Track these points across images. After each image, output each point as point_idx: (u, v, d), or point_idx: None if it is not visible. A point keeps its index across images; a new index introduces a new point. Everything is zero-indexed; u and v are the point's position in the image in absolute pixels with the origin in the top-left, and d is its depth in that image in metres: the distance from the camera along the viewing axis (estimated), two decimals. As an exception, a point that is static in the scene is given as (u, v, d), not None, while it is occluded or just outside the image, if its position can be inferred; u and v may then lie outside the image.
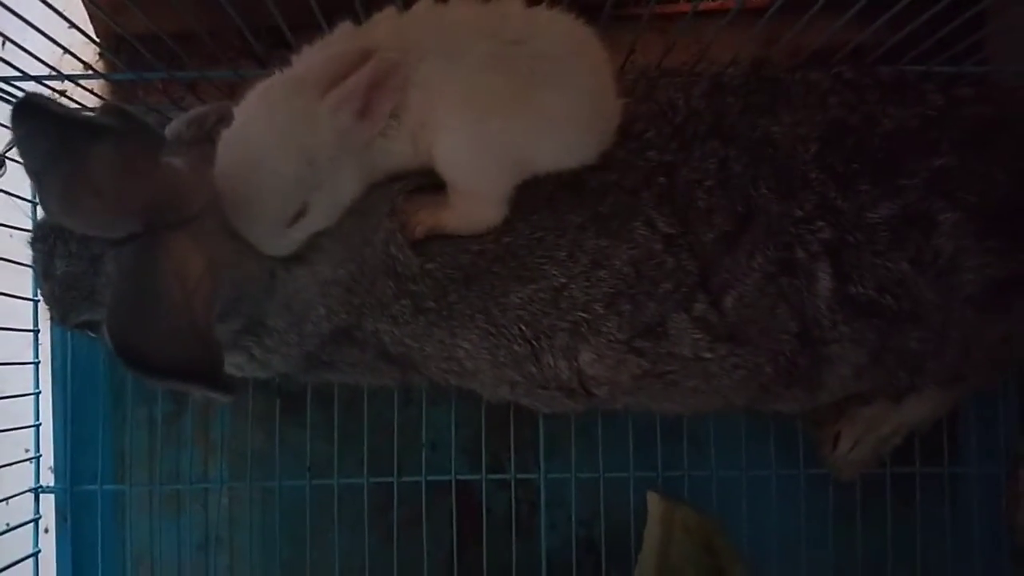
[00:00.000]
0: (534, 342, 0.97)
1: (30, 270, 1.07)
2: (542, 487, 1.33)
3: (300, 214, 0.89)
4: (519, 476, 1.33)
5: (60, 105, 0.80)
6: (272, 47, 0.97)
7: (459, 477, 1.32)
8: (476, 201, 0.93)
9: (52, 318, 0.99)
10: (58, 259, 0.94)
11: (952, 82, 1.02)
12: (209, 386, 0.80)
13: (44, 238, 0.96)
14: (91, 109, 1.19)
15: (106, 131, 0.78)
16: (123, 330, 0.78)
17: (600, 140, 0.94)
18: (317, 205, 0.89)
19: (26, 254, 1.01)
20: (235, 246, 0.91)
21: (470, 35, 0.88)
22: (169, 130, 1.01)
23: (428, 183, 0.94)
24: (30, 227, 1.15)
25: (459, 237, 0.96)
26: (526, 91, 0.87)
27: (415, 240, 0.95)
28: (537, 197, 0.96)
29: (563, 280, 0.95)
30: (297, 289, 0.96)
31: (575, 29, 0.91)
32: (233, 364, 1.03)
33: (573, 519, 1.32)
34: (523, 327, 0.97)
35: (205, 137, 0.94)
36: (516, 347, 0.98)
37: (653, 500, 1.25)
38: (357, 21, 0.94)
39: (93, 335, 0.98)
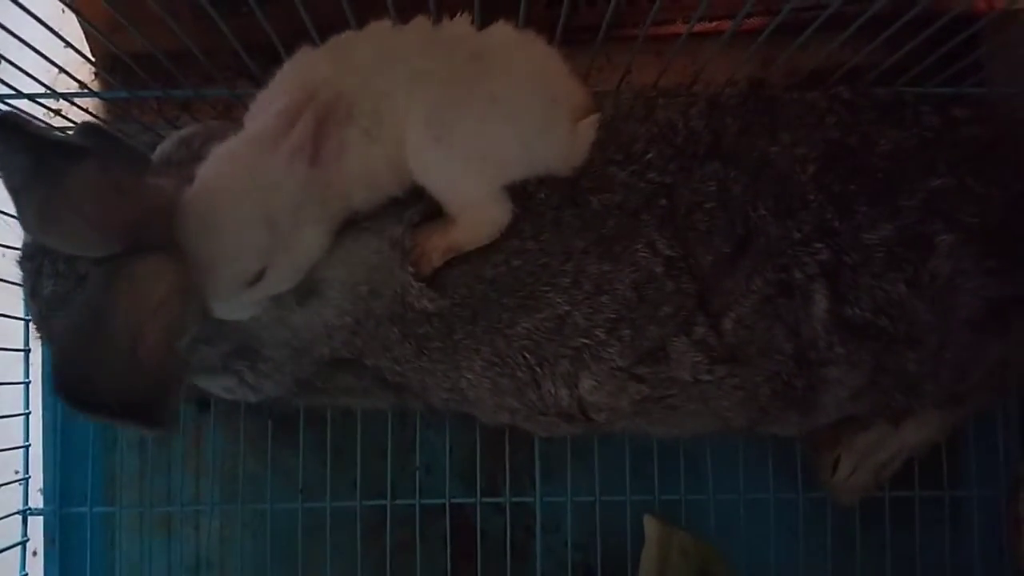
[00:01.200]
0: (537, 368, 0.96)
1: (21, 289, 1.06)
2: (538, 510, 1.31)
3: (258, 277, 0.87)
4: (514, 499, 1.31)
5: (37, 124, 0.79)
6: (267, 65, 0.96)
7: (453, 500, 1.30)
8: (474, 207, 0.92)
9: (40, 337, 0.99)
10: (45, 278, 0.93)
11: (949, 103, 1.02)
12: (142, 423, 0.77)
13: (32, 257, 0.95)
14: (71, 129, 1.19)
15: (83, 152, 0.77)
16: (64, 357, 0.76)
17: (566, 143, 0.94)
18: (276, 267, 0.87)
19: (16, 273, 1.00)
20: None
21: (429, 48, 0.90)
22: (159, 150, 1.00)
23: (429, 211, 0.94)
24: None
25: (473, 266, 0.94)
26: (473, 80, 0.89)
27: (434, 268, 0.94)
28: (544, 218, 0.95)
29: (567, 308, 0.94)
30: (300, 331, 0.96)
31: (511, 28, 0.94)
32: (223, 387, 1.02)
33: (569, 543, 1.31)
34: (527, 355, 0.96)
35: (194, 157, 0.92)
36: (519, 374, 0.97)
37: (650, 524, 1.24)
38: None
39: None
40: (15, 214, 1.15)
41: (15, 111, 0.87)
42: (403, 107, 0.89)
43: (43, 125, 0.83)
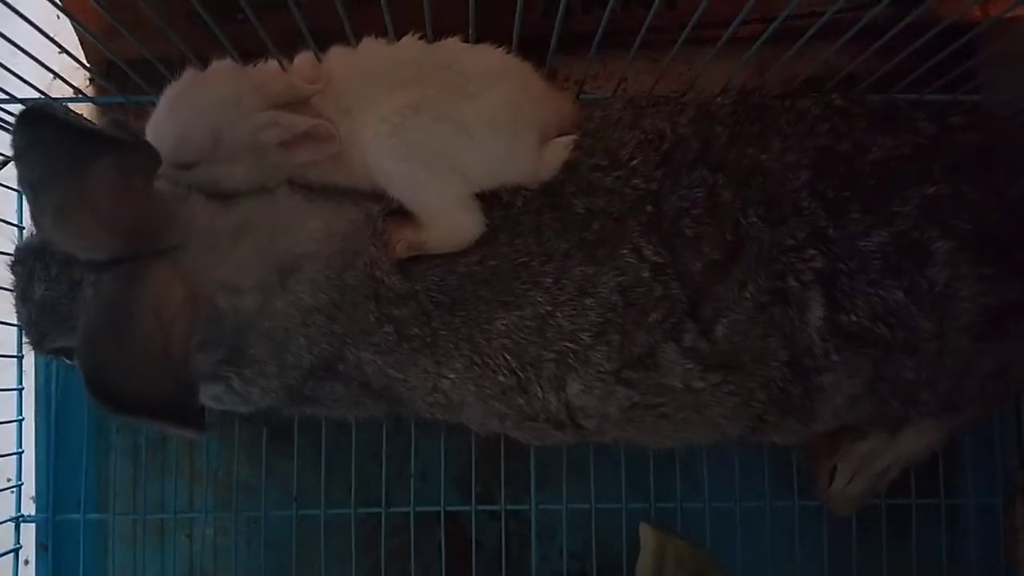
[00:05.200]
0: (519, 373, 0.96)
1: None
2: (533, 518, 1.31)
3: (187, 166, 0.93)
4: (509, 507, 1.30)
5: (70, 112, 0.80)
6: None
7: (448, 508, 1.29)
8: (442, 214, 0.94)
9: (29, 342, 0.98)
10: (37, 283, 0.93)
11: (944, 110, 1.02)
12: (179, 423, 0.79)
13: (24, 261, 0.95)
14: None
15: (112, 143, 0.77)
16: (94, 361, 0.76)
17: (532, 164, 0.96)
18: (202, 170, 0.94)
19: (9, 279, 0.99)
20: (215, 280, 0.90)
21: (397, 63, 0.96)
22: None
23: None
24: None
25: (445, 259, 0.96)
26: (443, 102, 0.93)
27: (398, 257, 0.95)
28: (523, 222, 0.96)
29: (548, 308, 0.94)
30: (278, 319, 0.96)
31: (497, 54, 0.98)
32: (211, 395, 1.02)
33: (564, 551, 1.30)
34: (507, 356, 0.96)
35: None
36: (501, 378, 0.97)
37: (645, 532, 1.24)
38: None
39: (69, 362, 0.97)
40: (8, 220, 1.15)
41: (45, 100, 0.88)
42: (364, 122, 0.93)
43: (73, 113, 0.83)
